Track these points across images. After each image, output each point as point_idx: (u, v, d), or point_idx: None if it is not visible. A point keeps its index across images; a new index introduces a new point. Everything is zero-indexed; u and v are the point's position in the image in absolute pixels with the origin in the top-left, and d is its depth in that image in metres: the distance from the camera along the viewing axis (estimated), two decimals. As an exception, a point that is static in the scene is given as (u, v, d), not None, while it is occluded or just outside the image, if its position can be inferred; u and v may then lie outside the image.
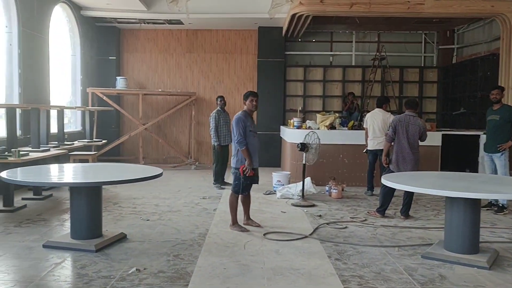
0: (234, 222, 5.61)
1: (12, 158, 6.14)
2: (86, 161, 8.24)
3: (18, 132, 7.53)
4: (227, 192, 8.06)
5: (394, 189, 6.10)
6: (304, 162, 7.27)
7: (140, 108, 11.29)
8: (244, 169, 5.41)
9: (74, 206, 4.75)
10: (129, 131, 12.03)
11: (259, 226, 5.68)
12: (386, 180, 4.92)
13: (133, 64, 12.42)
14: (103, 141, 10.12)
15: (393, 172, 6.14)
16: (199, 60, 12.38)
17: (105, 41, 12.03)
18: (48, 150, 7.30)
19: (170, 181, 9.13)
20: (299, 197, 7.36)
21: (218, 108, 8.72)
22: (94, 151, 9.60)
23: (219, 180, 8.68)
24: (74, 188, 4.73)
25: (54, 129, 8.53)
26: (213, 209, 6.75)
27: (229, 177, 9.32)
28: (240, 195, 5.61)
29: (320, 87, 12.53)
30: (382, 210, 6.42)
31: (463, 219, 4.52)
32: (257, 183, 5.73)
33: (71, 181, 4.82)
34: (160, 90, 11.86)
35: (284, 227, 5.76)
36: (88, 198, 4.73)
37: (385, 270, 4.20)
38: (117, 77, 11.69)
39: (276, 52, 11.95)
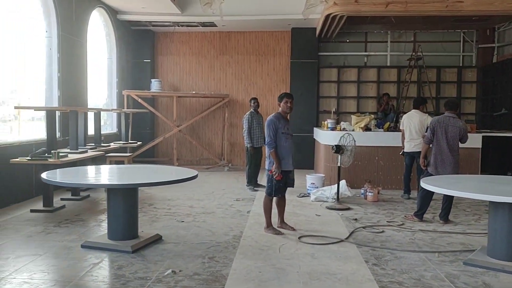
0: (269, 224, 5.57)
1: (52, 160, 6.29)
2: (122, 162, 8.37)
3: (57, 134, 7.72)
4: (261, 194, 8.03)
5: (432, 193, 5.92)
6: (339, 164, 7.16)
7: (175, 110, 11.41)
8: (272, 172, 5.38)
9: (111, 207, 4.81)
10: (163, 133, 12.17)
11: (293, 229, 5.61)
12: (426, 184, 4.77)
13: (167, 66, 12.57)
14: (138, 142, 10.26)
15: (431, 175, 5.96)
16: (232, 62, 12.42)
17: (140, 45, 12.22)
18: (86, 151, 7.45)
19: (203, 183, 9.17)
20: (334, 200, 7.25)
21: (252, 110, 8.70)
22: (129, 153, 9.76)
23: (252, 182, 8.66)
24: (112, 190, 4.80)
25: (91, 131, 8.71)
26: (247, 211, 6.72)
27: (263, 179, 9.36)
28: (275, 198, 5.57)
29: (354, 88, 12.34)
30: (420, 214, 6.24)
31: (508, 225, 4.33)
32: (292, 186, 5.67)
33: (109, 182, 4.88)
34: (194, 92, 11.96)
35: (319, 230, 5.67)
36: (125, 199, 4.78)
37: (425, 277, 4.07)
38: (151, 80, 11.86)
39: (309, 53, 11.86)
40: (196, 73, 12.51)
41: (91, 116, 8.90)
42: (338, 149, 7.04)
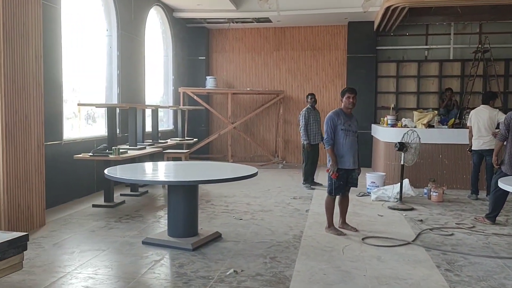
0: (330, 224, 5.37)
1: (112, 156, 6.38)
2: (179, 159, 8.42)
3: (117, 131, 7.85)
4: (318, 192, 7.84)
5: (507, 194, 5.51)
6: (402, 162, 6.83)
7: (229, 107, 11.39)
8: (329, 170, 5.19)
9: (172, 204, 4.78)
10: (217, 130, 12.20)
11: (355, 230, 5.39)
12: (504, 184, 4.40)
13: (221, 63, 12.58)
14: (194, 139, 10.32)
15: (506, 174, 5.53)
16: (286, 58, 12.25)
17: (195, 42, 12.30)
18: (144, 148, 7.53)
19: (259, 180, 9.06)
20: (396, 200, 6.94)
21: (309, 106, 8.50)
22: (186, 149, 9.81)
23: (309, 180, 8.47)
24: (172, 187, 4.77)
25: (148, 128, 8.83)
26: (306, 210, 6.55)
27: (319, 177, 9.17)
28: (338, 197, 5.37)
29: (414, 83, 11.83)
30: (492, 217, 5.83)
31: None
32: (354, 186, 5.44)
33: (170, 179, 4.86)
34: (248, 89, 11.89)
35: (383, 231, 5.41)
36: (185, 196, 4.74)
37: (507, 286, 3.74)
38: (206, 77, 11.90)
39: (367, 48, 11.49)
40: (250, 70, 12.43)
41: (148, 113, 9.03)
42: (402, 146, 6.71)
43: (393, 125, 8.99)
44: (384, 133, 8.99)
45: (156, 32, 10.78)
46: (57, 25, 6.60)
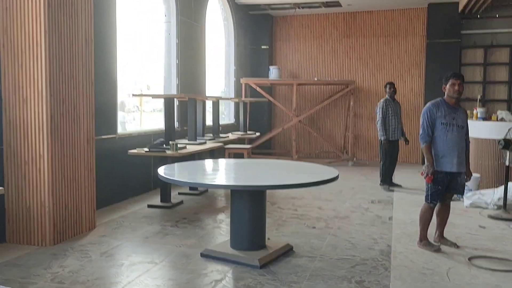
0: (424, 237, 4.42)
1: (169, 152, 5.75)
2: (241, 155, 7.71)
3: (176, 124, 7.25)
4: (399, 195, 6.86)
5: None
6: (507, 163, 5.69)
7: (294, 99, 10.54)
8: (423, 172, 4.25)
9: (235, 211, 4.04)
10: (281, 124, 11.41)
11: (456, 246, 4.41)
12: None
13: (286, 52, 11.74)
14: (256, 133, 9.59)
15: None
16: (357, 45, 11.20)
17: (258, 30, 11.55)
18: (205, 143, 6.87)
19: (328, 179, 8.18)
20: (497, 207, 5.83)
21: (387, 96, 7.51)
22: (247, 144, 9.09)
23: (387, 180, 7.47)
24: (236, 192, 4.02)
25: (209, 121, 8.18)
26: (388, 217, 5.60)
27: (397, 177, 8.12)
28: (438, 204, 4.41)
29: (505, 71, 10.40)
30: None
31: None
32: (459, 193, 4.47)
33: (233, 183, 4.12)
34: (316, 79, 10.98)
35: (492, 249, 4.39)
36: (251, 203, 3.99)
37: None
38: (270, 67, 11.11)
39: (449, 32, 10.21)
40: (317, 59, 11.51)
41: (209, 105, 8.39)
42: (508, 144, 5.58)
43: (485, 119, 7.78)
44: (475, 128, 7.77)
45: (217, 20, 10.12)
46: (111, 7, 6.04)
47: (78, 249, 4.21)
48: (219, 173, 4.67)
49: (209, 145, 6.76)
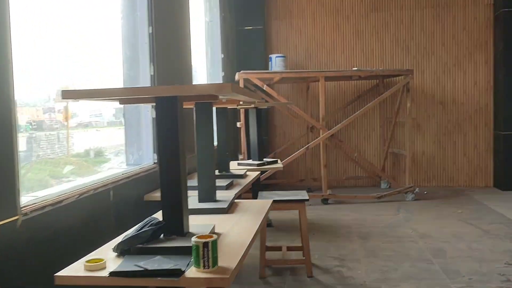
0: None
1: (196, 270, 1.89)
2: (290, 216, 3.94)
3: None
4: None
5: None
6: None
7: (322, 101, 6.89)
8: None
9: None
10: (285, 139, 7.80)
11: None
12: None
13: (286, 36, 8.10)
14: (275, 159, 5.81)
15: None
16: (391, 22, 7.80)
17: (246, 5, 7.83)
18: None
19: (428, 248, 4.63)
20: None
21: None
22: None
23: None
24: None
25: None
26: None
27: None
28: None
29: None
30: None
31: None
32: None
33: None
34: (355, 68, 7.35)
35: None
36: None
37: None
38: (271, 56, 7.42)
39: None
40: (333, 44, 7.96)
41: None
42: None
43: None
44: None
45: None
46: None
47: None
48: None
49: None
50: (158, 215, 2.31)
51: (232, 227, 2.39)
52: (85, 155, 3.72)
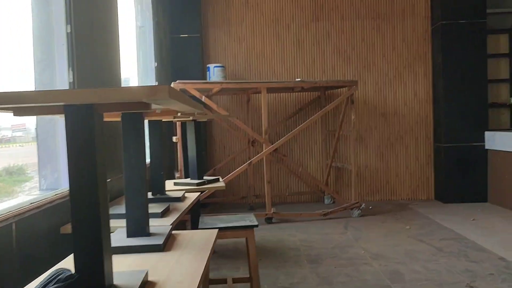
0: None
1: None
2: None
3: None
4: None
5: None
6: None
7: (265, 114, 6.55)
8: None
9: None
10: (225, 154, 7.33)
11: None
12: None
13: (224, 44, 7.67)
14: (210, 180, 5.31)
15: None
16: (332, 32, 7.60)
17: (181, 10, 7.32)
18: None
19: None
20: None
21: None
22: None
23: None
24: None
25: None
26: None
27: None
28: None
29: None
30: None
31: None
32: None
33: None
34: (298, 79, 7.02)
35: None
36: None
37: None
38: (208, 66, 6.95)
39: (468, 12, 7.10)
40: (273, 54, 7.63)
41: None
42: None
43: None
44: None
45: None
46: None
47: None
48: None
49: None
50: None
51: (171, 272, 1.86)
52: (6, 173, 3.13)
